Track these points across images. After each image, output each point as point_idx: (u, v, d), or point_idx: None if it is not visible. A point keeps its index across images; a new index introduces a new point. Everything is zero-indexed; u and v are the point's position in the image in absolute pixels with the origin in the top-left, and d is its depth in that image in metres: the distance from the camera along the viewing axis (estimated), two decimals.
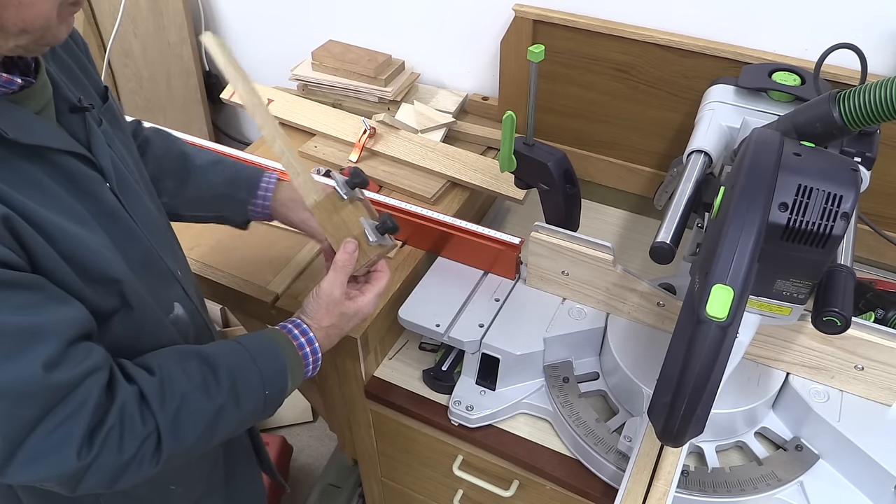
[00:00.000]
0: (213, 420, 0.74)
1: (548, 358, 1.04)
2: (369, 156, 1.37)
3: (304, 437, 2.07)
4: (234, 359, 0.77)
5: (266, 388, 0.78)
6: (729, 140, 0.98)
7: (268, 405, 0.79)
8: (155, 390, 0.71)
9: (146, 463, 0.70)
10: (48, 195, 0.68)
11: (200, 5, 1.75)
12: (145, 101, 1.83)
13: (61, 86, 0.75)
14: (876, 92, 0.74)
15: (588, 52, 1.27)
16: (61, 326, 0.65)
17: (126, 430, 0.68)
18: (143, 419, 0.69)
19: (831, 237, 0.71)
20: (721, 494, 0.89)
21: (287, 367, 0.80)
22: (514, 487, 1.06)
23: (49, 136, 0.69)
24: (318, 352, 0.85)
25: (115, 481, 0.69)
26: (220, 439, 0.77)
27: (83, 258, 0.69)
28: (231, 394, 0.75)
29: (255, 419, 0.80)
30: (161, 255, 0.83)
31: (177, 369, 0.74)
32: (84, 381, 0.66)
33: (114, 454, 0.67)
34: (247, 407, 0.77)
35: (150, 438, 0.69)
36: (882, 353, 0.89)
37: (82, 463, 0.65)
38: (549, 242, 1.02)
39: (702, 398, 0.69)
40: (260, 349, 0.80)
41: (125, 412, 0.68)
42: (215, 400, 0.74)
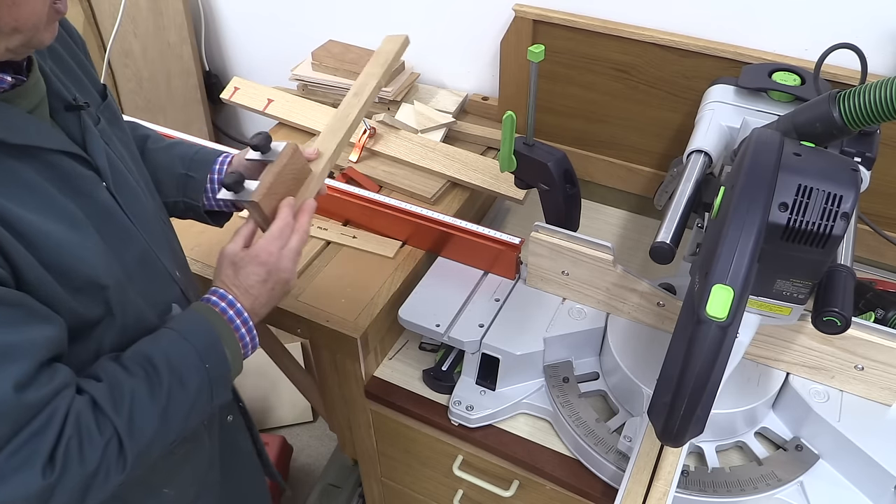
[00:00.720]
0: (164, 410, 0.72)
1: (548, 358, 1.04)
2: (369, 156, 1.37)
3: (304, 437, 2.07)
4: (165, 343, 0.76)
5: (205, 361, 0.76)
6: (729, 140, 0.98)
7: (214, 379, 0.76)
8: (106, 395, 0.69)
9: (113, 470, 0.68)
10: (38, 197, 0.67)
11: (200, 5, 1.75)
12: (145, 101, 1.83)
13: (56, 83, 0.74)
14: (876, 92, 0.74)
15: (588, 52, 1.27)
16: (35, 347, 0.64)
17: (84, 440, 0.66)
18: (100, 427, 0.68)
19: (831, 237, 0.71)
20: (721, 494, 0.89)
21: (218, 336, 0.77)
22: (514, 487, 1.06)
23: (41, 136, 0.69)
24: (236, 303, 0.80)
25: (83, 496, 0.67)
26: (179, 428, 0.75)
27: (68, 265, 0.68)
28: (173, 376, 0.73)
29: (206, 399, 0.77)
30: (158, 255, 0.82)
31: (119, 370, 0.72)
32: (53, 400, 0.65)
33: (76, 467, 0.65)
34: (192, 384, 0.74)
35: (111, 444, 0.68)
36: (882, 353, 0.89)
37: (47, 482, 0.63)
38: (549, 242, 1.02)
39: (702, 398, 0.69)
40: (186, 326, 0.77)
41: (81, 422, 0.66)
42: (160, 388, 0.72)
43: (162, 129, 1.32)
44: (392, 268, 1.16)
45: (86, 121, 0.76)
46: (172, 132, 1.31)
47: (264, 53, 1.77)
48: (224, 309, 0.80)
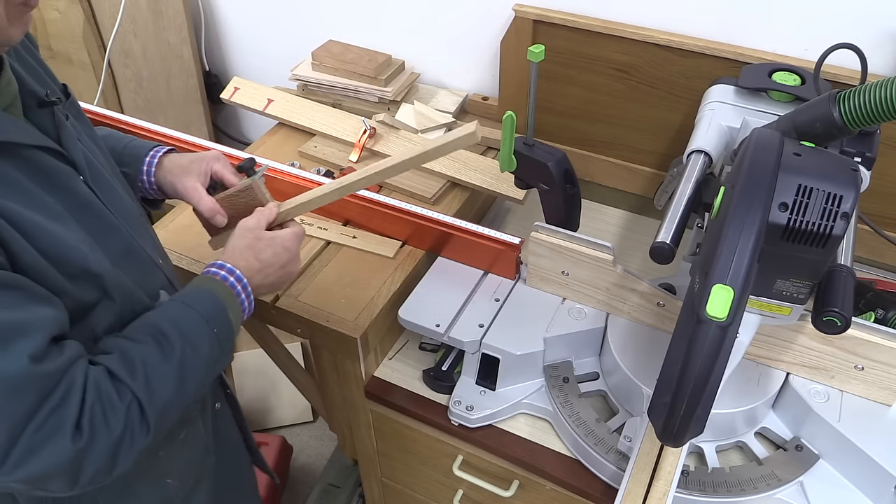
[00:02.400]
0: (180, 372, 0.75)
1: (548, 358, 1.04)
2: (369, 156, 1.37)
3: (304, 437, 2.07)
4: (173, 311, 0.78)
5: (212, 326, 0.78)
6: (729, 140, 0.98)
7: (223, 342, 0.80)
8: (119, 364, 0.71)
9: (137, 434, 0.70)
10: (21, 192, 0.68)
11: (200, 5, 1.75)
12: (145, 101, 1.83)
13: (27, 81, 0.75)
14: (876, 92, 0.74)
15: (588, 52, 1.27)
16: (44, 322, 0.66)
17: (107, 406, 0.68)
18: (119, 392, 0.70)
19: (831, 237, 0.71)
20: (721, 494, 0.89)
21: (222, 300, 0.81)
22: (514, 487, 1.06)
23: (18, 132, 0.70)
24: (243, 277, 0.85)
25: (113, 463, 0.69)
26: (196, 388, 0.78)
27: (61, 255, 0.69)
28: (183, 341, 0.76)
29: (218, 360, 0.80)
30: (141, 244, 0.84)
31: (125, 341, 0.74)
32: (68, 371, 0.66)
33: (103, 433, 0.67)
34: (203, 349, 0.77)
35: (133, 408, 0.70)
36: (882, 353, 0.89)
37: (77, 447, 0.65)
38: (549, 242, 1.02)
39: (702, 398, 0.69)
40: (191, 296, 0.80)
41: (101, 389, 0.68)
42: (173, 353, 0.74)
43: (162, 129, 1.32)
44: (392, 268, 1.16)
45: (59, 116, 0.77)
46: (173, 132, 1.31)
47: (264, 53, 1.77)
48: (224, 277, 0.84)
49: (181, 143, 1.29)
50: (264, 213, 0.91)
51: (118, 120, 1.32)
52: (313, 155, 1.39)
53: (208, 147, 1.27)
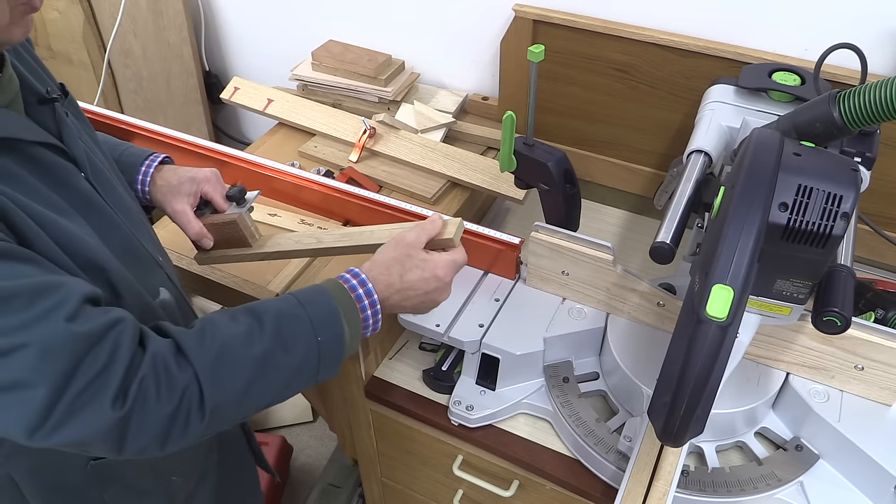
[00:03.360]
0: (259, 367, 0.70)
1: (548, 358, 1.04)
2: (369, 156, 1.37)
3: (304, 437, 2.07)
4: (281, 305, 0.75)
5: (317, 333, 0.74)
6: (729, 140, 0.98)
7: (323, 353, 0.75)
8: (192, 340, 0.69)
9: (194, 415, 0.67)
10: (27, 187, 0.68)
11: (200, 5, 1.75)
12: (145, 101, 1.83)
13: (27, 78, 0.75)
14: (876, 92, 0.74)
15: (588, 52, 1.27)
16: (73, 283, 0.65)
17: (162, 379, 0.65)
18: (180, 367, 0.67)
19: (831, 237, 0.71)
20: (721, 494, 0.89)
21: (339, 310, 0.76)
22: (514, 487, 1.06)
23: (20, 128, 0.70)
24: (374, 294, 0.79)
25: (165, 438, 0.66)
26: (277, 391, 0.74)
27: (71, 245, 0.69)
28: (276, 338, 0.72)
29: (312, 371, 0.75)
30: (142, 241, 0.83)
31: (222, 321, 0.72)
32: (109, 332, 0.64)
33: (153, 405, 0.64)
34: (297, 352, 0.73)
35: (191, 387, 0.67)
36: (882, 353, 0.89)
37: (118, 414, 0.63)
38: (549, 242, 1.02)
39: (702, 398, 0.69)
40: (308, 294, 0.77)
41: (157, 360, 0.66)
42: (258, 346, 0.71)
43: (162, 129, 1.32)
44: None
45: (60, 113, 0.77)
46: (173, 132, 1.31)
47: (264, 53, 1.77)
48: (354, 286, 0.79)
49: (181, 144, 1.29)
50: (426, 229, 0.85)
51: (118, 120, 1.32)
52: (313, 155, 1.39)
53: (208, 147, 1.27)
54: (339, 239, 0.97)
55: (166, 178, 0.97)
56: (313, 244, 0.98)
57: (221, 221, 0.97)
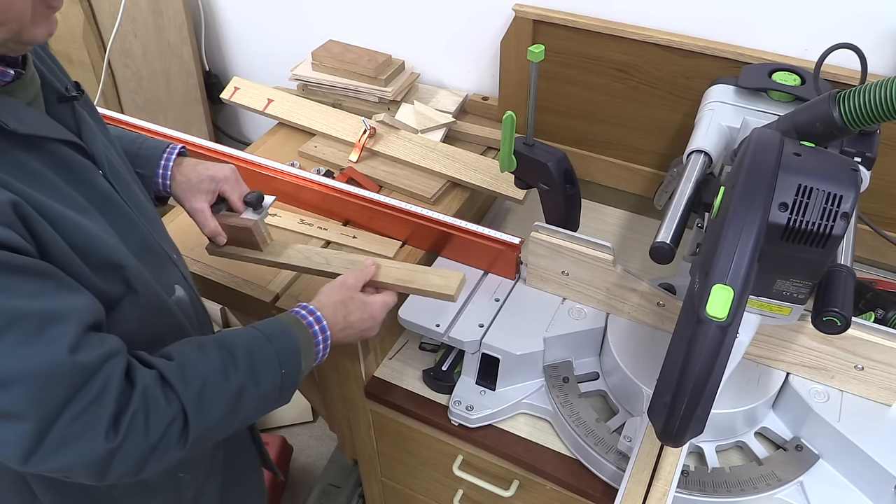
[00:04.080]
0: (235, 399, 0.74)
1: (548, 358, 1.04)
2: (369, 156, 1.37)
3: (304, 437, 2.07)
4: (250, 340, 0.79)
5: (282, 366, 0.79)
6: (729, 140, 0.98)
7: (285, 385, 0.80)
8: (175, 373, 0.71)
9: (173, 445, 0.70)
10: (47, 184, 0.68)
11: (200, 5, 1.75)
12: (145, 101, 1.83)
13: (47, 77, 0.76)
14: (876, 92, 0.74)
15: (588, 52, 1.27)
16: (78, 312, 0.66)
17: (151, 412, 0.68)
18: (168, 400, 0.69)
19: (831, 237, 0.71)
20: (721, 494, 0.89)
21: (299, 345, 0.82)
22: (514, 487, 1.06)
23: (44, 126, 0.70)
24: (327, 330, 0.86)
25: (142, 466, 0.69)
26: (243, 420, 0.78)
27: (87, 246, 0.69)
28: (249, 373, 0.76)
29: (274, 401, 0.80)
30: (157, 239, 0.84)
31: (195, 353, 0.75)
32: (104, 365, 0.66)
33: (140, 437, 0.67)
34: (265, 385, 0.78)
35: (177, 420, 0.70)
36: (882, 353, 0.89)
37: (110, 446, 0.65)
38: (549, 242, 1.02)
39: (702, 398, 0.69)
40: (272, 329, 0.81)
41: (148, 395, 0.68)
42: (235, 379, 0.75)
43: (162, 128, 1.32)
44: None
45: (79, 111, 0.78)
46: (173, 132, 1.31)
47: (264, 53, 1.77)
48: (310, 323, 0.86)
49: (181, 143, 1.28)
50: (364, 273, 0.94)
51: (118, 120, 1.32)
52: (313, 155, 1.39)
53: (208, 147, 1.27)
54: (346, 266, 1.01)
55: (186, 175, 0.99)
56: (322, 265, 1.02)
57: (236, 224, 1.00)
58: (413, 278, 0.96)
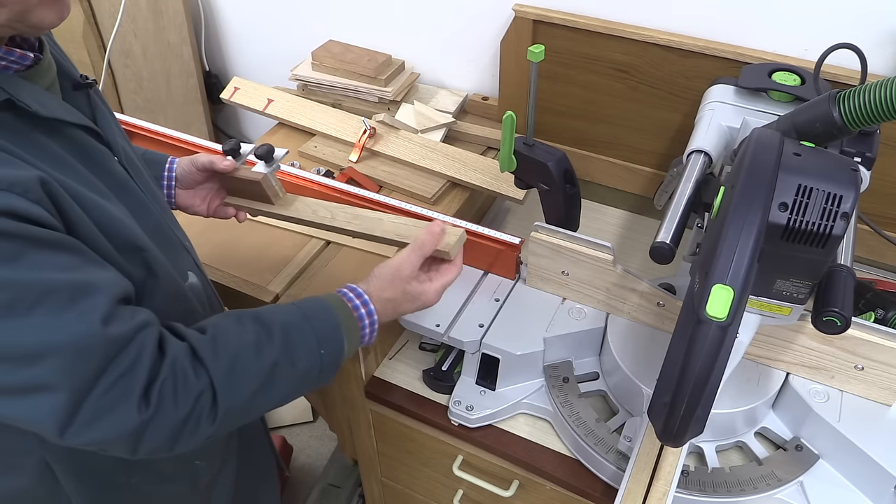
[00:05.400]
0: (268, 376, 0.73)
1: (548, 358, 1.04)
2: (369, 156, 1.37)
3: (304, 437, 2.07)
4: (288, 317, 0.78)
5: (321, 346, 0.77)
6: (729, 140, 0.98)
7: (325, 365, 0.78)
8: (207, 346, 0.71)
9: (204, 419, 0.69)
10: (68, 167, 0.69)
11: (200, 5, 1.75)
12: (145, 101, 1.83)
13: (63, 64, 0.76)
14: (876, 92, 0.74)
15: (588, 52, 1.27)
16: (109, 284, 0.66)
17: (179, 384, 0.67)
18: (196, 373, 0.69)
19: (831, 237, 0.71)
20: (721, 494, 0.89)
21: (342, 326, 0.80)
22: (514, 487, 1.06)
23: (63, 111, 0.71)
24: (374, 315, 0.84)
25: (174, 441, 0.68)
26: (280, 398, 0.77)
27: (111, 226, 0.70)
28: (284, 351, 0.75)
29: (313, 381, 0.79)
30: (171, 226, 0.85)
31: (230, 327, 0.74)
32: (136, 336, 0.66)
33: (170, 408, 0.67)
34: (301, 365, 0.76)
35: (205, 393, 0.69)
36: (882, 353, 0.89)
37: (142, 417, 0.65)
38: (549, 242, 1.02)
39: (702, 398, 0.69)
40: (313, 309, 0.80)
41: (177, 366, 0.68)
42: (268, 356, 0.73)
43: (162, 129, 1.32)
44: None
45: (94, 98, 0.79)
46: (173, 132, 1.31)
47: (264, 53, 1.77)
48: (357, 306, 0.83)
49: (181, 143, 1.29)
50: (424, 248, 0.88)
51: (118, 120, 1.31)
52: (313, 155, 1.39)
53: (208, 147, 1.27)
54: (351, 220, 1.00)
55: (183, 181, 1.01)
56: (327, 219, 1.01)
57: (247, 177, 0.99)
58: (413, 234, 0.94)
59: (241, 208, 1.05)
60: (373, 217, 1.00)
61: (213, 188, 1.04)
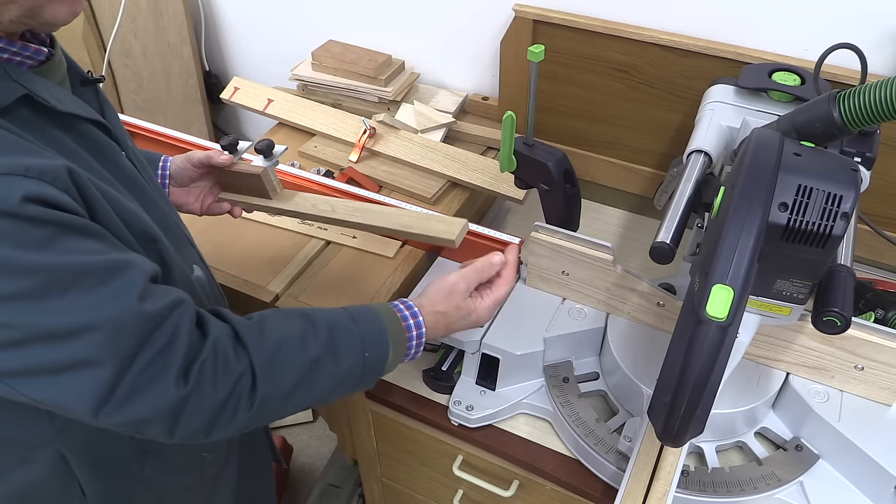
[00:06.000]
0: (309, 370, 0.73)
1: (548, 358, 1.04)
2: (369, 156, 1.37)
3: (304, 437, 2.07)
4: (335, 317, 0.79)
5: (365, 348, 0.78)
6: (729, 140, 0.98)
7: (367, 368, 0.79)
8: (251, 331, 0.71)
9: (243, 404, 0.69)
10: (83, 161, 0.69)
11: (200, 5, 1.75)
12: (145, 101, 1.83)
13: (72, 60, 0.77)
14: (876, 92, 0.74)
15: (588, 52, 1.27)
16: (141, 262, 0.67)
17: (220, 365, 0.68)
18: (237, 355, 0.69)
19: (831, 237, 0.71)
20: (721, 494, 0.89)
21: (388, 333, 0.80)
22: (514, 487, 1.06)
23: (77, 105, 0.72)
24: (423, 328, 0.84)
25: (212, 424, 0.68)
26: (320, 396, 0.77)
27: (128, 217, 0.71)
28: (328, 347, 0.75)
29: (355, 382, 0.79)
30: (176, 220, 0.86)
31: (278, 318, 0.75)
32: (172, 314, 0.66)
33: (209, 389, 0.67)
34: (345, 363, 0.76)
35: (245, 377, 0.69)
36: (882, 353, 0.89)
37: (181, 394, 0.65)
38: (549, 242, 1.02)
39: (702, 398, 0.69)
40: (361, 313, 0.81)
41: (218, 347, 0.68)
42: (312, 350, 0.74)
43: (162, 129, 1.32)
44: (392, 268, 1.16)
45: (102, 94, 0.80)
46: (173, 132, 1.31)
47: (264, 53, 1.77)
48: (405, 316, 0.84)
49: (181, 143, 1.29)
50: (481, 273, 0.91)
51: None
52: (313, 155, 1.39)
53: (208, 147, 1.27)
54: (353, 213, 1.00)
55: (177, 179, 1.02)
56: (327, 212, 1.01)
57: (246, 172, 0.99)
58: (415, 224, 0.95)
59: (238, 203, 1.05)
60: (375, 210, 1.00)
61: (207, 186, 1.04)
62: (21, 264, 0.59)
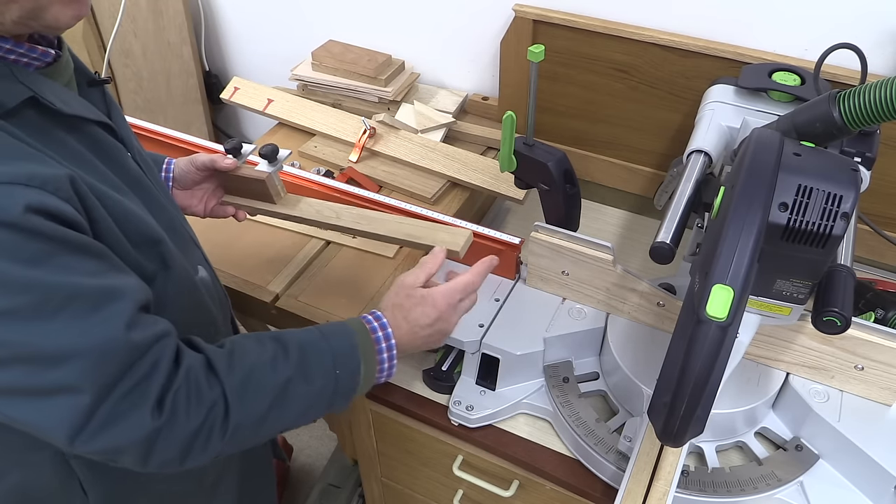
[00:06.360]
0: (280, 392, 0.73)
1: (548, 358, 1.04)
2: (369, 156, 1.37)
3: (304, 437, 2.07)
4: (306, 336, 0.78)
5: (337, 367, 0.77)
6: (729, 140, 0.98)
7: (339, 387, 0.78)
8: (222, 359, 0.71)
9: (216, 432, 0.69)
10: (87, 164, 0.69)
11: (200, 5, 1.75)
12: (145, 101, 1.83)
13: (79, 61, 0.77)
14: (876, 92, 0.74)
15: (588, 52, 1.27)
16: (132, 290, 0.66)
17: (192, 394, 0.68)
18: (210, 384, 0.69)
19: (831, 237, 0.71)
20: (721, 494, 0.89)
21: (359, 347, 0.80)
22: (514, 487, 1.06)
23: (83, 107, 0.72)
24: (391, 337, 0.83)
25: (186, 453, 0.68)
26: (290, 418, 0.76)
27: (128, 222, 0.70)
28: (299, 367, 0.75)
29: (327, 402, 0.78)
30: (181, 221, 0.86)
31: (249, 345, 0.75)
32: (155, 345, 0.66)
33: (182, 418, 0.67)
34: (316, 383, 0.76)
35: (218, 405, 0.69)
36: (882, 353, 0.89)
37: (155, 424, 0.65)
38: (549, 242, 1.02)
39: (702, 398, 0.69)
40: (331, 328, 0.80)
41: (191, 375, 0.68)
42: (283, 371, 0.74)
43: (162, 129, 1.32)
44: (392, 268, 1.16)
45: (109, 95, 0.80)
46: (173, 132, 1.31)
47: (264, 53, 1.77)
48: (374, 329, 0.83)
49: (181, 143, 1.29)
50: (426, 267, 0.89)
51: None
52: (313, 155, 1.39)
53: (208, 147, 1.27)
54: (357, 221, 1.00)
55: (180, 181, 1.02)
56: (332, 218, 1.01)
57: (251, 176, 1.00)
58: (420, 234, 0.96)
59: (242, 207, 1.05)
60: (379, 218, 1.00)
61: (210, 188, 1.04)
62: (17, 280, 0.59)
